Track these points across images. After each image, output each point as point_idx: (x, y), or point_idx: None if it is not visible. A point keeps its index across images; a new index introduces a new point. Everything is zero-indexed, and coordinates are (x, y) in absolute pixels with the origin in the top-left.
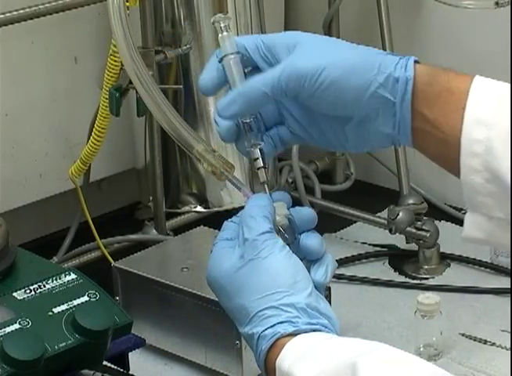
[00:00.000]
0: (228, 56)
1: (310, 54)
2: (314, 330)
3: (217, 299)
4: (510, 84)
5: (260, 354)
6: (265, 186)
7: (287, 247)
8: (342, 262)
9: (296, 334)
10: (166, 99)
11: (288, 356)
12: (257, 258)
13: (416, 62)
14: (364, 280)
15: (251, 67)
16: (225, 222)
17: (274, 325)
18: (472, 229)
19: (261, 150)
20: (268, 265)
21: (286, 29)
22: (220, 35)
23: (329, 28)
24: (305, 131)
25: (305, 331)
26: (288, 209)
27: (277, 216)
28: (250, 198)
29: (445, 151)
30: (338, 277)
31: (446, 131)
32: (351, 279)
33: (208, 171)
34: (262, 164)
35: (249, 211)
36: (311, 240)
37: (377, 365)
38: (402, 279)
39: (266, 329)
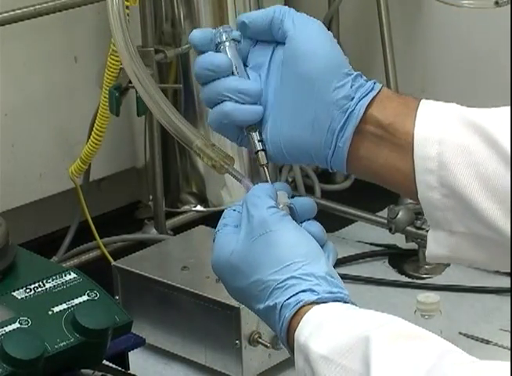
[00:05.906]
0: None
1: None
2: (335, 300)
3: (216, 298)
4: (456, 105)
5: (283, 323)
6: (265, 169)
7: (294, 221)
8: (342, 262)
9: (318, 303)
10: (164, 96)
11: (305, 329)
12: (269, 232)
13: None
14: (364, 280)
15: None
16: (226, 210)
17: (297, 293)
18: (435, 247)
19: (260, 133)
20: (280, 236)
21: None
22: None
23: (329, 28)
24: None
25: (327, 300)
26: (289, 198)
27: (279, 204)
28: (253, 185)
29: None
30: None
31: (401, 139)
32: (351, 278)
33: (208, 165)
34: (262, 147)
35: (253, 192)
36: (314, 228)
37: (390, 340)
38: (401, 278)
39: (289, 298)
